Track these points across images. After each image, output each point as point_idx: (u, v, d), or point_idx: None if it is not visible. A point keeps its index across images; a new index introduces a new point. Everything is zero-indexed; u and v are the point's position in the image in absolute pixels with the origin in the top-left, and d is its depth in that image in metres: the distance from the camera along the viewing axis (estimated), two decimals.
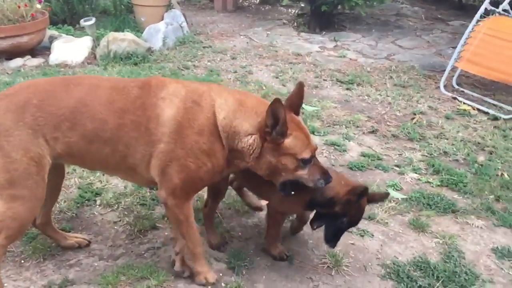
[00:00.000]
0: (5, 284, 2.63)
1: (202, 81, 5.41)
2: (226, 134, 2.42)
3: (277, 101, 2.28)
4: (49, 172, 2.46)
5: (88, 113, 2.39)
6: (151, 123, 2.39)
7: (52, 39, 6.46)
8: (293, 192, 2.52)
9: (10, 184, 2.31)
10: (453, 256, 3.01)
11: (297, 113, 2.52)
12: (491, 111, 5.20)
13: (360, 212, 2.68)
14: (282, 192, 2.53)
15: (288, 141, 2.38)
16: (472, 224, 3.34)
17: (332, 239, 2.72)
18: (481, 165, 4.11)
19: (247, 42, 7.46)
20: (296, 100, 2.53)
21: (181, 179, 2.43)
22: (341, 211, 2.61)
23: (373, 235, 3.19)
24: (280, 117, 2.30)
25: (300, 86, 2.51)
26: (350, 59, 6.92)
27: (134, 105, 2.42)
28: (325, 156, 4.14)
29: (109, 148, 2.44)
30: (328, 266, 2.89)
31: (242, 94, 2.63)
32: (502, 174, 3.98)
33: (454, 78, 5.97)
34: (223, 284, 2.70)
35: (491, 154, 4.34)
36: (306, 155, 2.41)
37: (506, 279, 2.89)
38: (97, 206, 3.35)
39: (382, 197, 2.88)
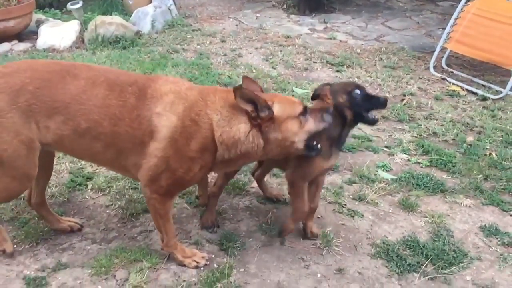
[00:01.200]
0: None
1: (192, 64, 5.40)
2: (226, 147, 2.42)
3: (237, 88, 2.32)
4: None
5: (83, 112, 2.37)
6: (146, 137, 2.38)
7: (39, 23, 6.37)
8: (319, 146, 2.55)
9: None
10: (441, 234, 3.06)
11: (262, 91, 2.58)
12: (480, 92, 5.24)
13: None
14: (311, 153, 2.54)
15: (277, 109, 2.40)
16: (461, 203, 3.39)
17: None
18: (470, 145, 4.16)
19: (237, 25, 7.41)
20: (254, 87, 2.56)
21: (168, 184, 2.45)
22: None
23: (363, 215, 3.23)
24: (252, 97, 2.33)
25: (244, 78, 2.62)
26: (340, 41, 6.91)
27: (131, 116, 2.38)
28: None
29: (101, 146, 2.44)
30: (319, 247, 2.93)
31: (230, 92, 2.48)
32: (490, 154, 4.03)
33: (444, 59, 5.99)
34: (215, 265, 2.73)
35: (479, 134, 4.39)
36: (299, 108, 2.45)
37: (494, 256, 2.94)
38: (89, 190, 3.35)
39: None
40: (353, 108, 2.65)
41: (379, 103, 2.71)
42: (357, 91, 2.66)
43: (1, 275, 2.61)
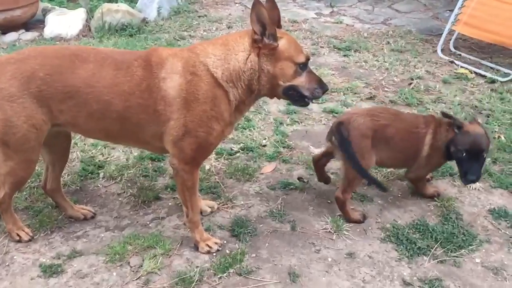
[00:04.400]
0: (14, 257, 2.71)
1: None
2: (232, 83, 2.47)
3: (257, 2, 2.32)
4: (55, 137, 2.65)
5: (93, 94, 2.44)
6: (159, 105, 2.45)
7: (45, 12, 6.38)
8: (307, 100, 2.60)
9: (6, 145, 2.46)
10: (451, 218, 3.08)
11: (279, 27, 2.55)
12: (488, 74, 5.20)
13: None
14: (296, 102, 2.64)
15: (282, 44, 2.44)
16: (470, 186, 3.40)
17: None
18: None
19: (243, 10, 7.37)
20: (274, 15, 2.53)
21: (193, 149, 2.51)
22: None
23: (372, 200, 3.26)
24: (265, 20, 2.35)
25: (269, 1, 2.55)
26: (347, 25, 6.86)
27: (140, 87, 2.45)
28: (324, 124, 4.18)
29: (118, 125, 2.53)
30: (329, 231, 2.96)
31: (222, 37, 2.65)
32: (499, 137, 4.02)
33: (452, 42, 5.94)
34: (227, 251, 2.77)
35: (488, 117, 4.38)
36: (302, 58, 2.47)
37: (503, 238, 2.96)
38: (101, 178, 3.39)
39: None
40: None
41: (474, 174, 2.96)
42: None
43: (18, 263, 2.67)
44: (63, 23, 6.09)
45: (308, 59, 2.51)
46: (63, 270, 2.63)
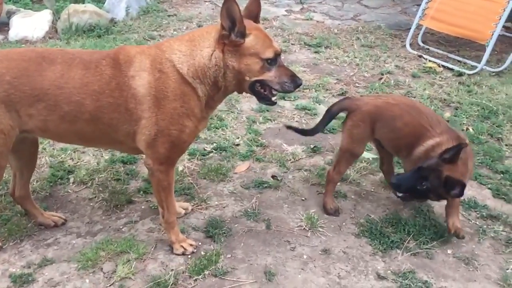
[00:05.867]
0: None
1: None
2: (199, 80, 2.44)
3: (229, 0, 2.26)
4: (22, 142, 2.58)
5: (63, 96, 2.39)
6: (130, 103, 2.42)
7: (10, 14, 6.21)
8: (274, 99, 2.55)
9: None
10: (422, 210, 3.13)
11: (256, 22, 2.51)
12: (456, 68, 5.31)
13: None
14: (261, 100, 2.56)
15: (248, 40, 2.37)
16: None
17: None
18: (448, 121, 4.20)
19: (213, 9, 7.33)
20: (254, 8, 2.51)
21: (167, 148, 2.48)
22: None
23: (346, 196, 3.28)
24: (235, 16, 2.29)
25: None
26: (317, 21, 6.90)
27: (110, 86, 2.41)
28: (297, 121, 4.19)
29: (91, 127, 2.48)
30: (304, 228, 2.97)
31: (190, 33, 2.61)
32: (467, 129, 4.10)
33: (420, 36, 6.04)
34: (202, 253, 2.75)
35: (456, 109, 4.46)
36: (269, 54, 2.40)
37: (473, 229, 3.02)
38: (71, 184, 3.32)
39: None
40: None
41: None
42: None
43: None
44: (29, 25, 5.94)
45: (277, 54, 2.43)
46: (34, 279, 2.56)
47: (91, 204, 3.15)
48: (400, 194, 2.93)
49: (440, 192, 2.72)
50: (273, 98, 2.57)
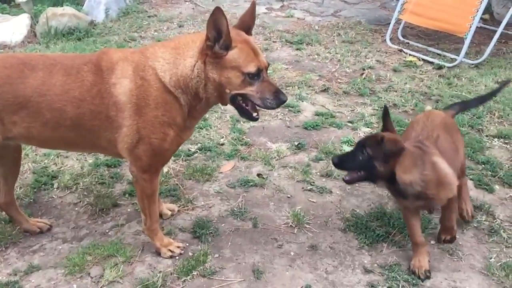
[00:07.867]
0: None
1: None
2: (181, 89, 2.40)
3: (218, 10, 2.21)
4: (4, 148, 2.55)
5: (45, 103, 2.38)
6: (111, 111, 2.40)
7: None
8: (255, 114, 2.46)
9: None
10: None
11: (248, 34, 2.46)
12: (435, 61, 5.37)
13: None
14: (242, 115, 2.47)
15: (231, 53, 2.30)
16: None
17: None
18: None
19: (193, 8, 7.32)
20: (248, 19, 2.48)
21: (148, 156, 2.46)
22: None
23: (331, 191, 3.31)
24: (222, 28, 2.24)
25: (253, 5, 2.47)
26: (298, 18, 6.92)
27: (91, 93, 2.39)
28: (280, 119, 4.21)
29: (73, 133, 2.47)
30: (290, 226, 2.99)
31: (176, 39, 2.58)
32: None
33: (399, 31, 6.10)
34: (190, 253, 2.75)
35: (437, 102, 4.52)
36: (251, 68, 2.32)
37: (456, 219, 3.06)
38: (55, 189, 3.30)
39: None
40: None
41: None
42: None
43: None
44: (6, 30, 5.86)
45: (260, 70, 2.34)
46: (20, 286, 2.54)
47: (76, 208, 3.13)
48: (347, 178, 2.68)
49: (381, 156, 2.51)
50: (254, 114, 2.48)
